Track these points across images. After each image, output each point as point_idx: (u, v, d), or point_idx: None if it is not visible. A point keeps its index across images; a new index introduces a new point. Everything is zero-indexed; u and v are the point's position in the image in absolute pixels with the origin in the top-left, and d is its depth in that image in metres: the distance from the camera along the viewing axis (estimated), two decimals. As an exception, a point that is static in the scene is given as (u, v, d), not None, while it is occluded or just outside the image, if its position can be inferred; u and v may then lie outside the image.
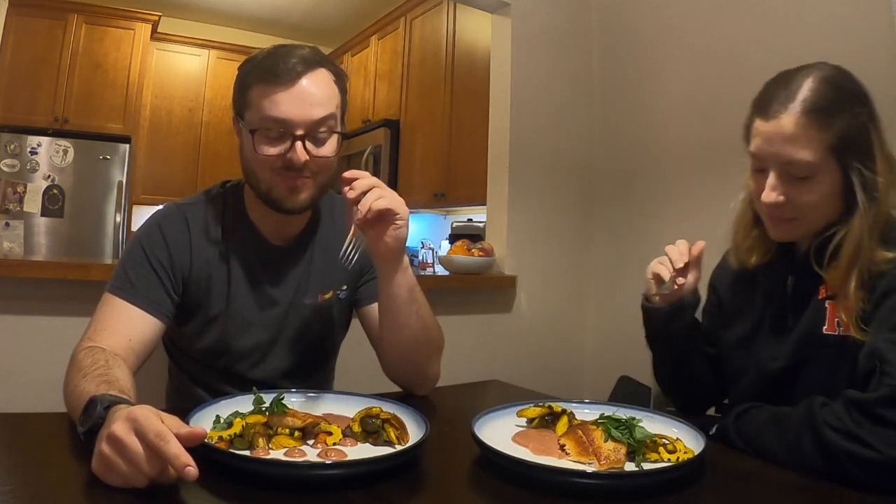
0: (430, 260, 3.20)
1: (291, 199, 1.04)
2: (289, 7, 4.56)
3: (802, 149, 0.88)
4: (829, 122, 0.88)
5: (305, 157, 1.01)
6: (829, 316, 0.91)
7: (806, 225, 0.95)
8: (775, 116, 0.90)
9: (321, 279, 1.16)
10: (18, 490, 0.63)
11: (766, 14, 2.00)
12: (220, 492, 0.66)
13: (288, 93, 1.00)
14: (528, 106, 2.39)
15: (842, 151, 0.89)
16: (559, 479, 0.71)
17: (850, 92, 0.92)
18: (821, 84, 0.91)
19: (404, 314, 1.07)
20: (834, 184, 0.90)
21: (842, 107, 0.89)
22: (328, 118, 1.03)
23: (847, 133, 0.88)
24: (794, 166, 0.89)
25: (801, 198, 0.91)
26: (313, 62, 1.03)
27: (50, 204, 3.70)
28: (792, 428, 0.82)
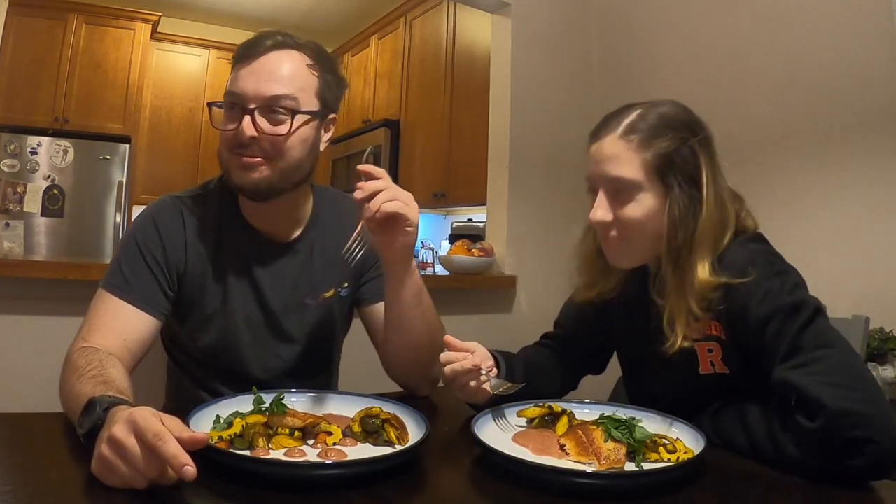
0: (430, 260, 3.20)
1: (242, 177, 1.01)
2: (289, 7, 4.56)
3: (622, 166, 0.93)
4: (649, 143, 0.93)
5: (252, 131, 0.98)
6: (702, 358, 0.94)
7: (637, 246, 0.97)
8: (601, 138, 0.97)
9: (322, 277, 1.15)
10: (18, 490, 0.63)
11: (765, 14, 2.00)
12: (220, 492, 0.66)
13: (248, 68, 1.00)
14: (528, 106, 2.39)
15: (663, 170, 0.93)
16: (559, 479, 0.71)
17: (679, 121, 0.96)
18: (649, 112, 0.96)
19: (409, 317, 1.07)
20: (657, 202, 0.94)
21: (665, 131, 0.94)
22: (286, 97, 1.00)
23: (668, 153, 0.93)
24: (617, 183, 0.94)
25: (626, 215, 0.94)
26: (284, 44, 1.02)
27: (50, 204, 3.70)
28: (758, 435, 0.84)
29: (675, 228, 0.92)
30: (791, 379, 0.80)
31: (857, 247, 1.75)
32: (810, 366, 0.79)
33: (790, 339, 0.82)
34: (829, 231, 1.80)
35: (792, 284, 0.88)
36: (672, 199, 0.92)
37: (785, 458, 0.79)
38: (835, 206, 1.81)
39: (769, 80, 1.96)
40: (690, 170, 0.93)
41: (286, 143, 1.01)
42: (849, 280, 1.70)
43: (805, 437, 0.77)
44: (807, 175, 1.88)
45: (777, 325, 0.84)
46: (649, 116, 0.95)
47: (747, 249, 0.92)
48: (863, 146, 1.75)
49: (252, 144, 0.99)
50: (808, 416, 0.77)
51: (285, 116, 1.00)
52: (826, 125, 1.83)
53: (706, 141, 0.96)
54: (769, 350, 0.85)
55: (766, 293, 0.86)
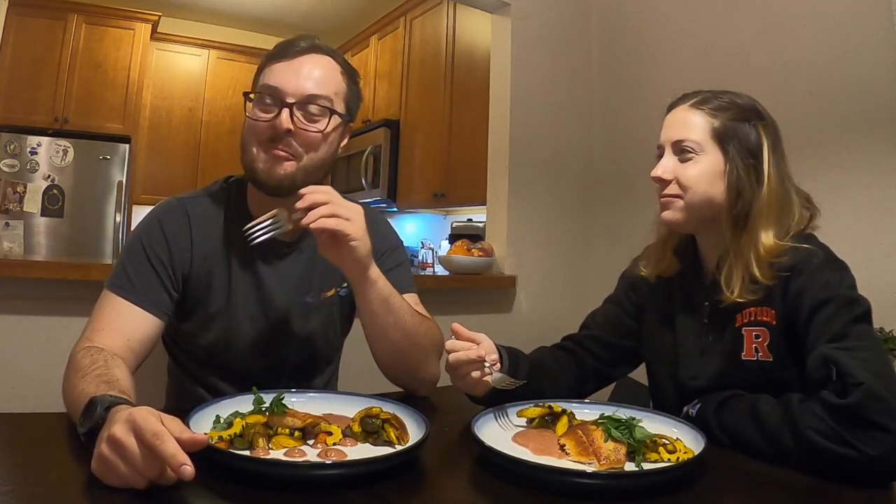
0: (430, 260, 3.20)
1: (269, 170, 1.02)
2: (289, 7, 4.56)
3: (687, 129, 1.02)
4: (717, 113, 1.01)
5: (290, 124, 1.00)
6: (747, 343, 0.97)
7: (689, 207, 1.02)
8: (675, 108, 1.07)
9: (324, 276, 1.16)
10: (18, 490, 0.63)
11: (765, 13, 2.00)
12: (220, 492, 0.66)
13: (287, 64, 1.04)
14: (528, 106, 2.39)
15: (724, 138, 1.00)
16: (559, 479, 0.71)
17: (749, 106, 1.04)
18: (723, 93, 1.05)
19: (382, 325, 1.06)
20: (715, 166, 1.00)
21: (732, 108, 1.02)
22: (322, 97, 1.03)
23: (732, 125, 1.00)
24: (680, 144, 1.02)
25: (684, 172, 1.01)
26: (319, 48, 1.07)
27: (50, 204, 3.70)
28: (772, 424, 0.84)
29: (734, 194, 0.98)
30: (834, 355, 0.82)
31: (857, 247, 1.75)
32: (854, 351, 0.82)
33: (840, 327, 0.86)
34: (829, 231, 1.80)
35: (851, 281, 0.93)
36: (731, 165, 0.99)
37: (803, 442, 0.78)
38: (835, 206, 1.81)
39: (769, 80, 1.96)
40: (752, 145, 1.00)
41: (320, 141, 1.04)
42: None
43: (831, 412, 0.77)
44: (807, 175, 1.87)
45: (830, 312, 0.88)
46: (722, 96, 1.04)
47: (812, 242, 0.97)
48: (863, 146, 1.75)
49: (285, 138, 1.01)
50: (839, 394, 0.78)
51: (319, 116, 1.04)
52: (826, 125, 1.83)
53: (772, 129, 1.03)
54: (816, 332, 0.88)
55: (826, 282, 0.90)
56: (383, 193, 3.75)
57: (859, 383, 0.76)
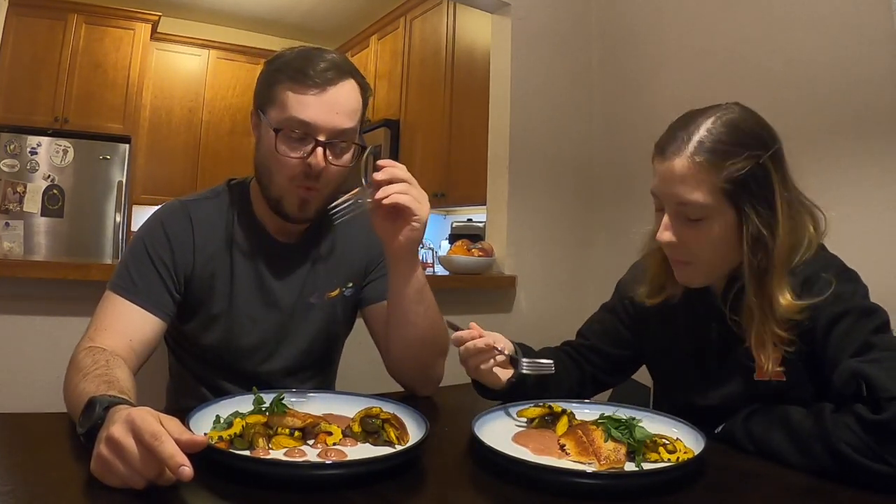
0: (430, 260, 3.20)
1: (301, 211, 1.05)
2: (289, 7, 4.56)
3: (694, 190, 0.89)
4: (722, 164, 0.88)
5: (324, 163, 1.01)
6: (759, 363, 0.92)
7: (704, 269, 0.95)
8: (670, 157, 0.91)
9: (328, 277, 1.16)
10: (18, 490, 0.63)
11: (766, 13, 2.00)
12: (220, 492, 0.66)
13: (317, 98, 1.00)
14: (528, 106, 2.39)
15: (735, 194, 0.88)
16: (559, 479, 0.71)
17: (751, 134, 0.91)
18: (719, 126, 0.90)
19: (412, 313, 1.08)
20: (728, 227, 0.90)
21: (737, 149, 0.88)
22: (351, 131, 1.04)
23: (741, 176, 0.88)
24: (687, 207, 0.90)
25: (695, 240, 0.92)
26: (345, 71, 1.04)
27: (50, 204, 3.70)
28: (803, 435, 0.82)
29: (753, 253, 0.89)
30: (863, 369, 0.78)
31: (858, 246, 1.74)
32: (884, 362, 0.78)
33: (863, 338, 0.82)
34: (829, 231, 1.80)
35: (864, 291, 0.90)
36: (748, 226, 0.89)
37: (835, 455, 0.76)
38: (835, 206, 1.81)
39: (769, 81, 1.96)
40: (765, 192, 0.89)
41: (339, 171, 1.05)
42: (849, 280, 1.69)
43: (866, 428, 0.74)
44: (806, 175, 1.87)
45: (848, 325, 0.84)
46: (718, 131, 0.90)
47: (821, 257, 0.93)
48: (863, 146, 1.75)
49: (313, 175, 1.02)
50: (872, 409, 0.75)
51: (345, 147, 1.05)
52: (826, 125, 1.83)
53: (777, 154, 0.92)
54: (836, 348, 0.84)
55: (838, 294, 0.86)
56: (383, 193, 3.75)
57: (893, 398, 0.73)
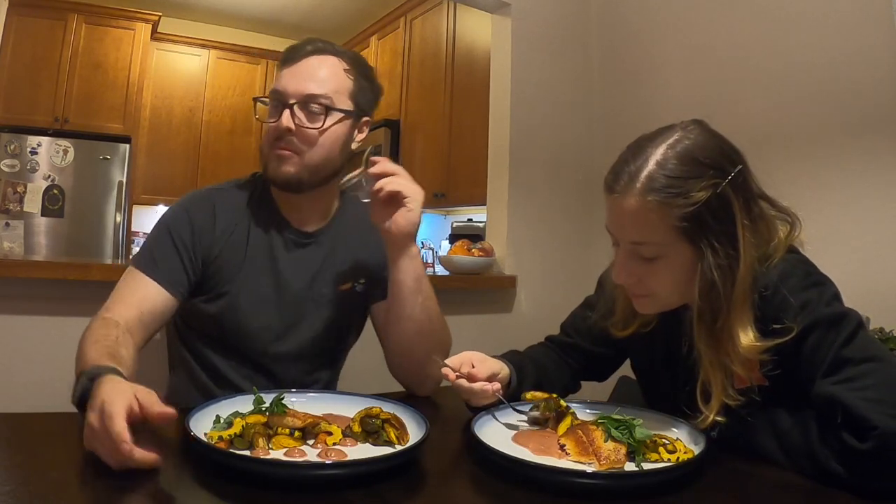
0: (430, 260, 3.20)
1: (276, 168, 1.09)
2: (289, 7, 4.56)
3: (646, 230, 0.84)
4: (674, 202, 0.82)
5: (289, 123, 1.07)
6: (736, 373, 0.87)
7: (664, 301, 0.92)
8: (620, 194, 0.85)
9: (342, 269, 1.19)
10: (18, 490, 0.63)
11: (766, 13, 2.00)
12: (220, 492, 0.66)
13: (290, 70, 1.11)
14: (529, 106, 2.39)
15: (692, 232, 0.83)
16: (559, 479, 0.71)
17: (707, 162, 0.84)
18: (671, 157, 0.84)
19: (409, 304, 1.11)
20: (686, 263, 0.85)
21: (691, 183, 0.82)
22: (321, 96, 1.09)
23: (696, 211, 0.82)
24: (641, 247, 0.86)
25: (651, 277, 0.88)
26: (324, 50, 1.12)
27: (50, 204, 3.70)
28: (792, 449, 0.81)
29: (708, 293, 0.83)
30: (837, 395, 0.75)
31: (857, 246, 1.75)
32: (857, 381, 0.75)
33: (833, 353, 0.78)
34: (829, 231, 1.80)
35: (830, 296, 0.83)
36: (705, 262, 0.83)
37: (827, 473, 0.75)
38: (835, 206, 1.81)
39: (769, 80, 1.96)
40: (724, 225, 0.83)
41: (319, 138, 1.09)
42: (848, 280, 1.69)
43: (854, 456, 0.73)
44: (807, 175, 1.88)
45: (817, 338, 0.80)
46: (670, 164, 0.83)
47: (782, 262, 0.86)
48: (863, 146, 1.75)
49: (288, 137, 1.08)
50: (856, 436, 0.73)
51: (320, 114, 1.09)
52: (826, 125, 1.83)
53: (738, 178, 0.85)
54: (808, 363, 0.81)
55: (803, 304, 0.81)
56: (383, 193, 3.75)
57: (872, 427, 0.71)
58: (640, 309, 0.95)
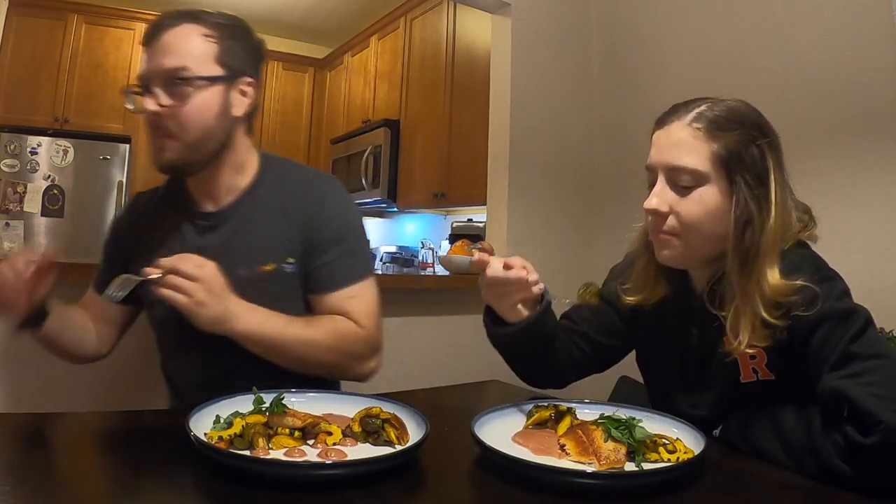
0: (430, 260, 3.21)
1: (158, 158, 1.05)
2: (289, 7, 4.56)
3: (688, 155, 0.89)
4: (718, 134, 0.89)
5: (153, 106, 1.01)
6: (743, 367, 0.91)
7: (686, 246, 0.92)
8: (668, 125, 0.93)
9: (261, 249, 1.09)
10: (18, 490, 0.63)
11: (766, 13, 2.00)
12: (220, 492, 0.66)
13: (147, 50, 1.04)
14: (528, 106, 2.39)
15: (729, 163, 0.88)
16: (559, 479, 0.71)
17: (749, 119, 0.92)
18: (720, 105, 0.92)
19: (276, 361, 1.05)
20: (719, 199, 0.89)
21: (734, 125, 0.90)
22: (179, 69, 1.01)
23: (737, 149, 0.88)
24: (679, 173, 0.90)
25: (683, 209, 0.90)
26: (178, 19, 1.04)
27: (50, 204, 3.70)
28: (795, 446, 0.81)
29: (742, 230, 0.87)
30: (843, 389, 0.75)
31: (857, 246, 1.75)
32: (863, 376, 0.75)
33: (841, 348, 0.79)
34: (829, 231, 1.80)
35: (840, 291, 0.84)
36: (739, 198, 0.88)
37: (829, 469, 0.76)
38: (835, 206, 1.81)
39: (769, 80, 1.96)
40: (759, 170, 0.89)
41: (189, 113, 1.02)
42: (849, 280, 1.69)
43: (858, 451, 0.73)
44: (807, 175, 1.87)
45: (825, 333, 0.81)
46: (719, 108, 0.91)
47: (790, 256, 0.88)
48: (863, 146, 1.75)
49: (160, 122, 1.02)
50: (860, 430, 0.73)
51: (185, 87, 1.01)
52: (826, 125, 1.83)
53: (775, 145, 0.92)
54: (815, 357, 0.82)
55: (812, 299, 0.82)
56: (383, 193, 3.75)
57: (878, 421, 0.71)
58: (661, 257, 0.95)
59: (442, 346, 2.10)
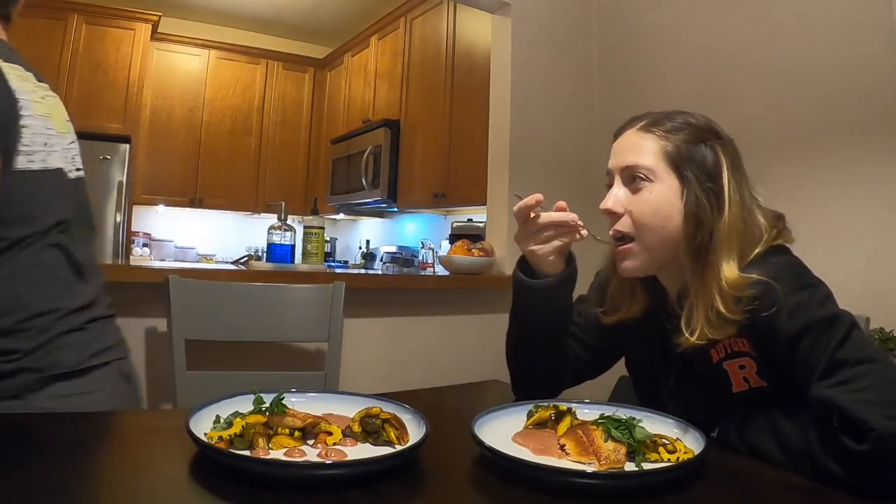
0: (430, 260, 3.21)
1: None
2: (289, 7, 4.56)
3: (638, 154, 0.94)
4: (668, 135, 0.94)
5: None
6: (734, 377, 0.91)
7: (647, 249, 0.94)
8: (623, 133, 0.99)
9: None
10: (18, 490, 0.63)
11: (766, 13, 2.00)
12: (220, 492, 0.66)
13: None
14: (528, 106, 2.39)
15: (679, 160, 0.92)
16: (559, 479, 0.71)
17: (700, 122, 0.96)
18: (671, 114, 0.97)
19: None
20: (670, 196, 0.92)
21: (684, 126, 0.94)
22: None
23: (686, 147, 0.92)
24: (632, 171, 0.94)
25: (636, 207, 0.94)
26: None
27: (50, 204, 3.70)
28: (793, 450, 0.81)
29: (693, 224, 0.90)
30: (832, 398, 0.75)
31: (857, 247, 1.75)
32: (852, 383, 0.75)
33: (828, 356, 0.78)
34: (829, 231, 1.80)
35: (822, 297, 0.84)
36: (688, 192, 0.91)
37: (826, 474, 0.76)
38: (835, 207, 1.81)
39: (769, 81, 1.96)
40: (709, 167, 0.92)
41: None
42: (849, 280, 1.70)
43: (852, 458, 0.73)
44: (807, 175, 1.88)
45: (811, 341, 0.81)
46: (674, 116, 0.96)
47: (769, 262, 0.87)
48: (863, 146, 1.75)
49: None
50: (853, 438, 0.72)
51: None
52: (826, 125, 1.83)
53: (729, 148, 0.95)
54: (802, 366, 0.81)
55: (794, 308, 0.82)
56: (383, 193, 3.76)
57: (870, 429, 0.71)
58: (623, 270, 0.97)
59: (442, 346, 2.10)
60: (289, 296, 1.63)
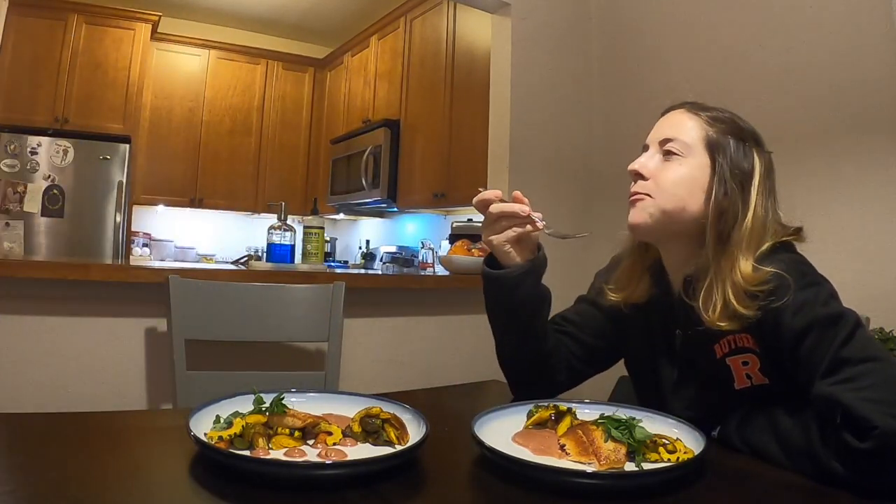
0: (430, 260, 3.21)
1: None
2: (289, 7, 4.56)
3: (679, 130, 0.96)
4: (716, 124, 0.96)
5: None
6: (737, 373, 0.91)
7: (660, 208, 0.95)
8: (670, 111, 1.01)
9: None
10: (18, 490, 0.63)
11: (765, 13, 2.00)
12: (220, 492, 0.66)
13: None
14: (528, 106, 2.39)
15: (716, 146, 0.94)
16: (559, 479, 0.71)
17: (749, 129, 0.97)
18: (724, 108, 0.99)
19: None
20: (699, 171, 0.94)
21: (731, 124, 0.96)
22: None
23: (727, 140, 0.94)
24: (668, 142, 0.96)
25: (663, 174, 0.95)
26: None
27: (50, 204, 3.70)
28: (793, 448, 0.81)
29: (720, 210, 0.91)
30: (836, 395, 0.75)
31: (857, 247, 1.75)
32: (856, 381, 0.75)
33: (832, 354, 0.78)
34: (829, 231, 1.80)
35: (826, 296, 0.84)
36: (717, 179, 0.92)
37: (828, 473, 0.75)
38: (834, 206, 1.81)
39: (769, 80, 1.96)
40: (743, 166, 0.93)
41: None
42: (849, 280, 1.69)
43: (854, 456, 0.72)
44: (806, 175, 1.88)
45: (815, 339, 0.81)
46: (724, 111, 0.98)
47: (775, 259, 0.87)
48: (863, 146, 1.75)
49: None
50: (856, 435, 0.72)
51: None
52: (826, 124, 1.83)
53: (767, 159, 0.96)
54: (806, 364, 0.81)
55: (800, 305, 0.82)
56: (383, 193, 3.76)
57: (872, 427, 0.70)
58: (633, 217, 0.98)
59: (442, 346, 2.10)
60: (289, 296, 1.63)
